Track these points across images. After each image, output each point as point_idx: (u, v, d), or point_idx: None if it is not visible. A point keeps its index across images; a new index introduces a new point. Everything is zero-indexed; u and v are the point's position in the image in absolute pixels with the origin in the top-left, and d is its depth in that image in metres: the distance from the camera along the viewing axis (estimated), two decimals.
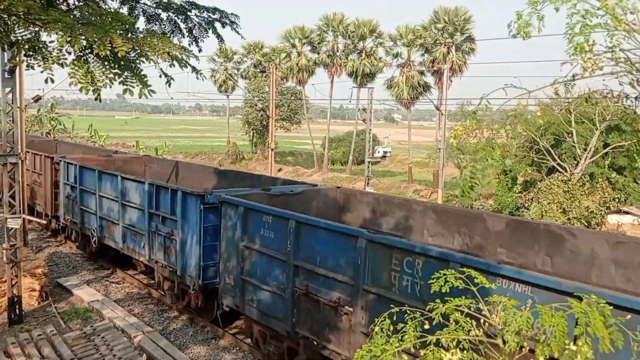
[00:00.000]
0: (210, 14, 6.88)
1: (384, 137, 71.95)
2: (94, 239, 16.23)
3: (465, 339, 4.12)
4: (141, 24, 7.03)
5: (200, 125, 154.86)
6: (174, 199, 12.54)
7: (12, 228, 12.60)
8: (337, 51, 53.04)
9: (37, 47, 4.62)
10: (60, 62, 4.53)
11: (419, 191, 41.45)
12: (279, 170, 49.59)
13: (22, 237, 14.89)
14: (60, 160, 18.19)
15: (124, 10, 6.32)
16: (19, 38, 4.74)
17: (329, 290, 8.55)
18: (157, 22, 6.68)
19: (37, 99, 21.69)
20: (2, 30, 4.69)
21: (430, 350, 4.06)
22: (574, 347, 3.79)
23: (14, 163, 12.74)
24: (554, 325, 3.82)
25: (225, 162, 58.07)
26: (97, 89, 4.59)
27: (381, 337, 4.25)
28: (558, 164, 24.79)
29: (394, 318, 4.44)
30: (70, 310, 13.67)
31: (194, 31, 6.83)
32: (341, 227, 8.91)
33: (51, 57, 4.53)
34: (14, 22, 4.80)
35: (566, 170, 24.37)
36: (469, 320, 4.27)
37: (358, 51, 52.27)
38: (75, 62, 4.58)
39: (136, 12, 6.54)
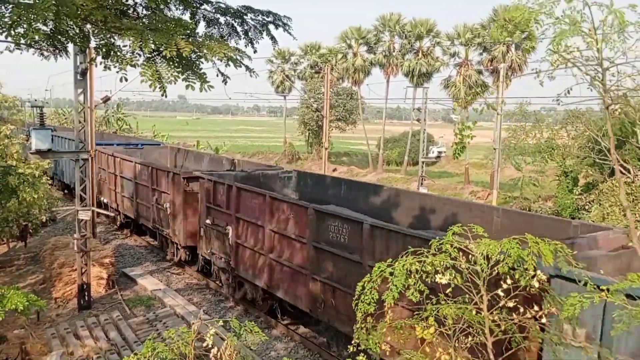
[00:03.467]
0: (265, 17, 7.30)
1: (438, 137, 71.02)
2: None
3: (452, 263, 5.36)
4: (201, 28, 7.57)
5: (258, 125, 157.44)
6: None
7: (82, 220, 13.55)
8: (394, 51, 52.88)
9: (112, 51, 5.26)
10: (133, 63, 5.21)
11: (475, 192, 40.80)
12: (334, 170, 49.95)
13: (91, 229, 15.91)
14: None
15: (187, 15, 6.85)
16: (98, 43, 5.40)
17: None
18: (216, 26, 7.18)
19: (106, 99, 22.99)
20: (82, 36, 5.33)
21: (429, 264, 5.34)
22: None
23: (85, 159, 13.68)
24: (509, 248, 5.15)
25: (281, 162, 58.91)
26: (164, 86, 5.23)
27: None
28: (621, 165, 23.91)
29: None
30: (135, 297, 14.54)
31: (250, 33, 7.27)
32: None
33: (125, 59, 5.18)
34: (91, 30, 5.43)
35: (630, 172, 23.49)
36: (457, 251, 5.44)
37: (414, 51, 51.96)
38: (145, 63, 5.21)
39: (197, 17, 7.05)
